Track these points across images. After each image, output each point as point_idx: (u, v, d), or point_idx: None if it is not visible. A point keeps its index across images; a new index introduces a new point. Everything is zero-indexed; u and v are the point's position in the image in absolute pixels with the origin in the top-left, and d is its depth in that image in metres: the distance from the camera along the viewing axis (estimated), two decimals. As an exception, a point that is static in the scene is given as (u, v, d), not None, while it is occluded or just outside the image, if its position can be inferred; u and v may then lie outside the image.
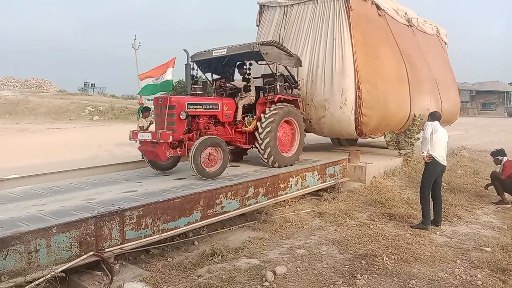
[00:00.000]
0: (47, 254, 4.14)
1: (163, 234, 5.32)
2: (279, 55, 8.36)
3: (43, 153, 14.06)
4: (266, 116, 7.86)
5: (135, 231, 4.97)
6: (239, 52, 7.94)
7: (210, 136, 7.15)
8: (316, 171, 8.40)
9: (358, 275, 4.88)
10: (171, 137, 6.78)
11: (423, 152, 6.81)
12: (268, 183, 7.08)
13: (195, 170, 6.71)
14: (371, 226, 6.83)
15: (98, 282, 4.51)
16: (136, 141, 7.36)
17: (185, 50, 7.68)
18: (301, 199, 8.63)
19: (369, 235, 6.38)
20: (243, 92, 8.47)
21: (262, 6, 11.30)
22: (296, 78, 9.18)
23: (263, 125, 7.79)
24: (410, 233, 6.53)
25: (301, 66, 9.27)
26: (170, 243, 5.86)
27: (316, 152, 11.19)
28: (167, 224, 5.37)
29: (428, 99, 12.44)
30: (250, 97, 8.50)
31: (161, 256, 5.58)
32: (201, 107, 7.61)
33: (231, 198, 6.33)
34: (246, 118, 8.44)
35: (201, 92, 8.10)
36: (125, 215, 4.86)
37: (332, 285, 4.67)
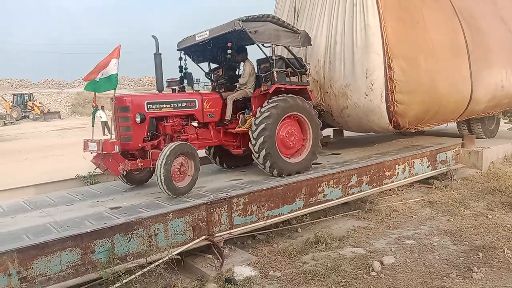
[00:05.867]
0: (165, 238, 4.53)
1: (267, 221, 5.48)
2: (275, 33, 6.52)
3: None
4: (262, 110, 6.22)
5: (242, 217, 5.20)
6: (222, 33, 6.26)
7: (181, 142, 5.63)
8: (425, 157, 7.92)
9: (475, 268, 4.53)
10: (116, 146, 5.45)
11: None
12: (372, 171, 6.86)
13: (164, 186, 5.26)
14: (489, 216, 6.27)
15: (210, 265, 4.82)
16: (91, 152, 5.75)
17: (153, 37, 6.01)
18: (409, 188, 8.24)
19: (487, 225, 5.88)
20: (240, 84, 6.95)
21: None
22: (304, 60, 7.08)
23: (257, 121, 6.15)
24: (537, 225, 5.86)
25: (310, 45, 7.28)
26: (275, 229, 6.02)
27: (424, 137, 10.54)
28: (271, 211, 5.52)
29: (503, 72, 9.37)
30: (246, 89, 6.85)
31: (267, 242, 5.75)
32: (168, 106, 6.06)
33: (333, 187, 6.27)
34: (242, 116, 6.78)
35: (178, 86, 6.62)
36: (233, 202, 5.11)
37: (446, 278, 4.39)
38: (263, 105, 6.31)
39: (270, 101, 6.31)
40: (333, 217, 6.66)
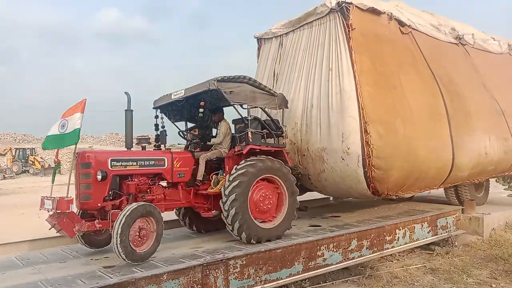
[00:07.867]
0: (158, 300, 4.37)
1: (265, 285, 5.32)
2: (251, 95, 6.44)
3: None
4: (238, 168, 5.97)
5: (239, 280, 5.05)
6: (197, 93, 6.20)
7: (140, 203, 5.23)
8: (425, 222, 7.84)
9: None
10: (71, 205, 5.11)
11: None
12: (372, 235, 6.76)
13: (123, 254, 4.88)
14: (494, 285, 6.09)
15: (204, 330, 4.60)
16: (47, 211, 5.33)
17: (126, 93, 5.91)
18: (410, 253, 8.05)
19: (492, 296, 5.69)
20: (216, 144, 6.81)
21: (259, 40, 9.43)
22: (281, 123, 7.03)
23: (231, 178, 5.87)
24: (543, 296, 5.68)
25: (286, 107, 7.33)
26: (272, 295, 5.81)
27: (424, 202, 10.48)
28: (269, 275, 5.37)
29: (486, 138, 9.23)
30: (221, 149, 6.72)
31: (264, 307, 5.53)
32: (134, 163, 5.76)
33: (333, 250, 6.15)
34: (215, 176, 6.53)
35: (147, 144, 6.34)
36: (229, 264, 4.99)
37: None
38: (240, 163, 6.06)
39: (247, 160, 6.09)
40: (333, 283, 6.45)
